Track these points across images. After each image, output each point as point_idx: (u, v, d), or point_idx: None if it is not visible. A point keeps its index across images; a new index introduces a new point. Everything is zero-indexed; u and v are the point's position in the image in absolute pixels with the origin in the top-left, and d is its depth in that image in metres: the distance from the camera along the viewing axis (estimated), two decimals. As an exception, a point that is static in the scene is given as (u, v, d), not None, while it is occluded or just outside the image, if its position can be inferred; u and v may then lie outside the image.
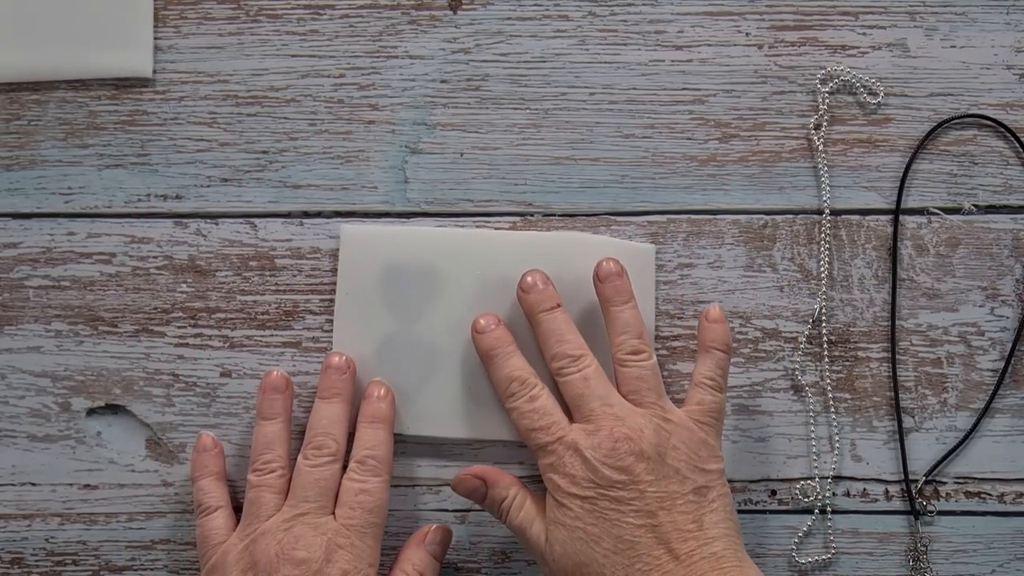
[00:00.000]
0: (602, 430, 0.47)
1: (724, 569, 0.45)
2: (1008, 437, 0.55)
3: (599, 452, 0.46)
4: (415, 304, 0.54)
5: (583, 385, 0.49)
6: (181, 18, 0.57)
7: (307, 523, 0.48)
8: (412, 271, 0.54)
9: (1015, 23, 0.57)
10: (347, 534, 0.48)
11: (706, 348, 0.51)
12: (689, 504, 0.46)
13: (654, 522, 0.45)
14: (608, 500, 0.46)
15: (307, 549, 0.47)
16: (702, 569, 0.45)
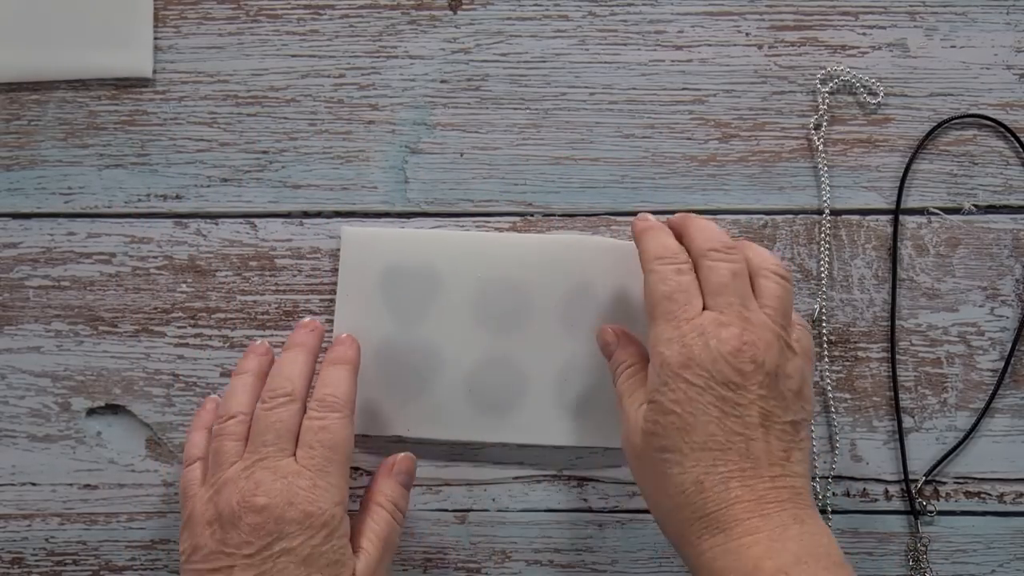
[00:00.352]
0: (733, 326, 0.45)
1: (801, 506, 0.43)
2: (1008, 437, 0.55)
3: (724, 346, 0.44)
4: (415, 306, 0.54)
5: (729, 277, 0.46)
6: (181, 18, 0.57)
7: (266, 467, 0.46)
8: (412, 273, 0.54)
9: (1015, 23, 0.57)
10: (308, 475, 0.46)
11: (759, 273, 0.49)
12: (785, 433, 0.44)
13: (751, 435, 0.44)
14: (714, 396, 0.44)
15: (267, 495, 0.45)
16: (782, 496, 0.43)
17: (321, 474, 0.46)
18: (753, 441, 0.44)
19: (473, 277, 0.54)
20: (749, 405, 0.44)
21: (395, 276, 0.54)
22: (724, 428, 0.44)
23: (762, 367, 0.44)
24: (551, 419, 0.54)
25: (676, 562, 0.55)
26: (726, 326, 0.45)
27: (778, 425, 0.44)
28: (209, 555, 0.45)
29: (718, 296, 0.46)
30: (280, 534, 0.44)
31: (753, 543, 0.42)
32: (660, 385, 0.45)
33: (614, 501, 0.55)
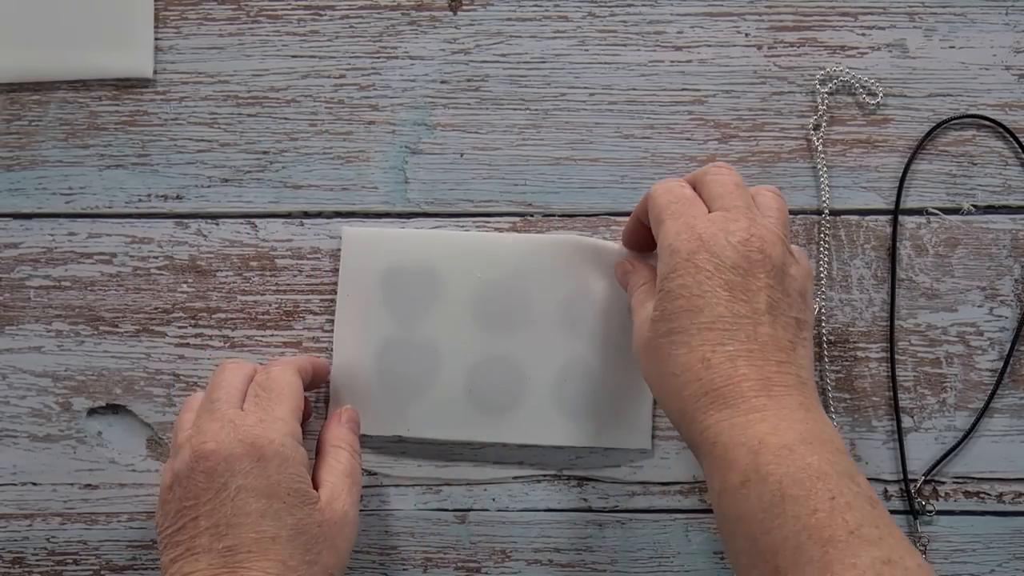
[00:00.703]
0: (740, 220, 0.45)
1: (807, 396, 0.43)
2: (1007, 437, 0.55)
3: (733, 236, 0.44)
4: (415, 306, 0.54)
5: (732, 186, 0.47)
6: (182, 19, 0.57)
7: (213, 419, 0.46)
8: (412, 273, 0.54)
9: (1014, 24, 0.57)
10: (254, 413, 0.47)
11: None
12: (790, 326, 0.44)
13: (758, 319, 0.43)
14: (722, 279, 0.44)
15: (215, 439, 0.45)
16: (788, 382, 0.43)
17: (266, 412, 0.47)
18: (760, 325, 0.43)
19: (473, 277, 0.54)
20: (757, 291, 0.44)
21: (395, 276, 0.54)
22: (732, 310, 0.43)
23: (769, 258, 0.44)
24: (551, 419, 0.54)
25: (676, 562, 0.55)
26: (734, 220, 0.45)
27: (783, 317, 0.44)
28: (175, 516, 0.45)
29: (723, 199, 0.46)
30: (232, 471, 0.45)
31: (759, 420, 0.41)
32: (669, 272, 0.45)
33: (614, 501, 0.55)
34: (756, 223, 0.45)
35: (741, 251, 0.44)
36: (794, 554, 0.38)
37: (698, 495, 0.55)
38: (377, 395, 0.54)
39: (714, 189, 0.47)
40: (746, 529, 0.40)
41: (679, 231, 0.45)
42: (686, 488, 0.55)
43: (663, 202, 0.47)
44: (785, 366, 0.43)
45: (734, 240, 0.44)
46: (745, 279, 0.44)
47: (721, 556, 0.55)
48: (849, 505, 0.39)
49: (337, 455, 0.50)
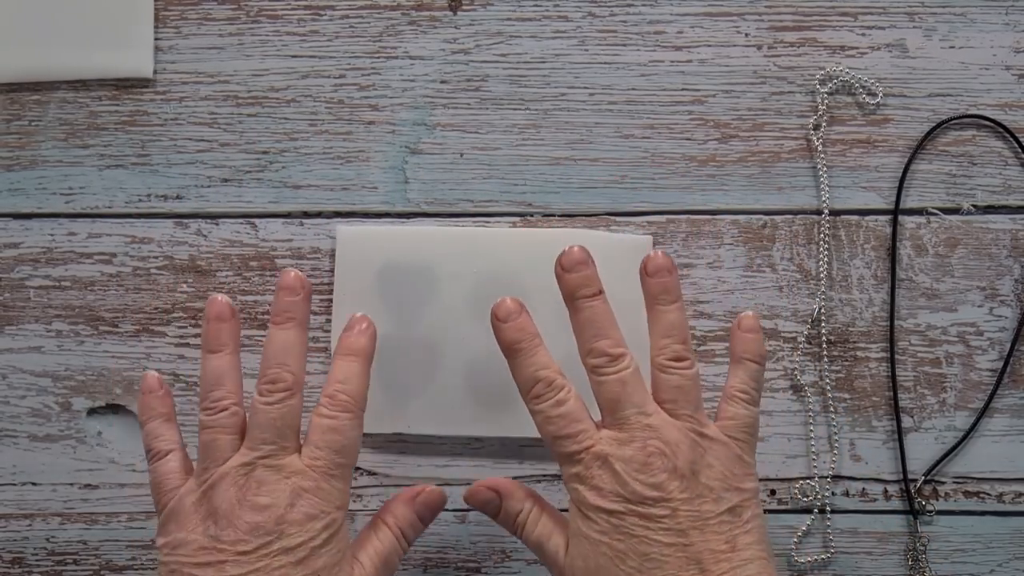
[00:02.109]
0: (635, 441, 0.44)
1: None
2: (1007, 437, 0.55)
3: (631, 465, 0.43)
4: (412, 303, 0.54)
5: (619, 389, 0.45)
6: (182, 19, 0.57)
7: (268, 466, 0.44)
8: (409, 270, 0.55)
9: (1014, 23, 0.57)
10: (313, 476, 0.44)
11: (738, 359, 0.48)
12: (723, 524, 0.43)
13: (685, 541, 0.43)
14: (637, 516, 0.43)
15: (270, 494, 0.44)
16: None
17: (326, 477, 0.45)
18: (689, 547, 0.43)
19: (470, 272, 0.54)
20: (674, 513, 0.43)
21: (392, 274, 0.55)
22: (656, 544, 0.43)
23: (676, 471, 0.43)
24: None
25: (676, 562, 0.55)
26: (627, 443, 0.44)
27: (713, 520, 0.43)
28: (198, 550, 0.44)
29: (613, 412, 0.45)
30: (280, 534, 0.43)
31: None
32: (581, 521, 0.44)
33: (614, 501, 0.55)
34: (651, 433, 0.44)
35: (646, 480, 0.43)
36: None
37: (698, 495, 0.55)
38: (376, 393, 0.54)
39: (600, 392, 0.46)
40: None
41: (577, 473, 0.44)
42: (686, 488, 0.55)
43: (548, 435, 0.45)
44: (727, 573, 0.42)
45: (632, 468, 0.43)
46: (659, 506, 0.43)
47: (721, 556, 0.55)
48: None
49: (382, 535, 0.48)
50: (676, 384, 0.46)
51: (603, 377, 0.46)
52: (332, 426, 0.45)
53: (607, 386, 0.45)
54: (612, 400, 0.45)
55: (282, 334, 0.46)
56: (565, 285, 0.47)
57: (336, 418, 0.45)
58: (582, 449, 0.44)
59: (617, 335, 0.46)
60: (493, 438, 0.55)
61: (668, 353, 0.46)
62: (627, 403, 0.45)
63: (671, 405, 0.45)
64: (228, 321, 0.47)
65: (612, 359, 0.46)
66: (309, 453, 0.45)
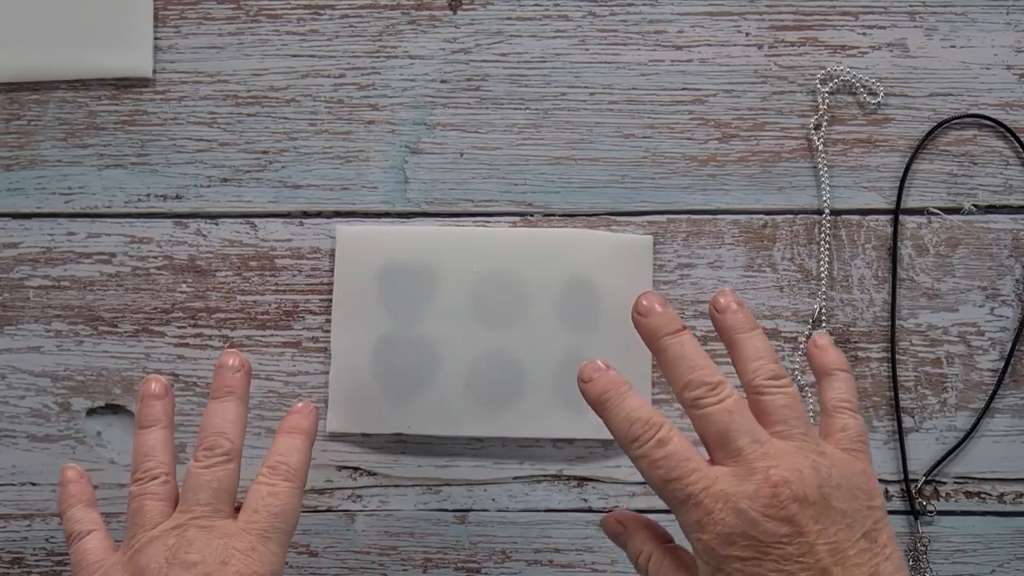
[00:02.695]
0: (756, 473, 0.39)
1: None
2: (1008, 437, 0.55)
3: (757, 502, 0.39)
4: (412, 302, 0.54)
5: (727, 418, 0.41)
6: (181, 18, 0.57)
7: (200, 526, 0.43)
8: (408, 269, 0.54)
9: (1015, 23, 0.57)
10: (248, 538, 0.43)
11: (828, 372, 0.45)
12: (862, 553, 0.39)
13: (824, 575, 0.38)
14: (772, 560, 0.39)
15: (201, 551, 0.42)
16: None
17: (262, 539, 0.43)
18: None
19: (469, 272, 0.54)
20: (812, 549, 0.39)
21: (391, 273, 0.54)
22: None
23: (807, 500, 0.39)
24: (551, 412, 0.54)
25: (676, 562, 0.55)
26: (747, 477, 0.40)
27: (852, 549, 0.39)
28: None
29: (723, 446, 0.41)
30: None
31: None
32: (715, 572, 0.40)
33: (614, 501, 0.55)
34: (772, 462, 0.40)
35: (775, 515, 0.39)
36: None
37: (698, 495, 0.55)
38: (377, 394, 0.54)
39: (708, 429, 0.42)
40: None
41: (699, 521, 0.40)
42: (686, 488, 0.55)
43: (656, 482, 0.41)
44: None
45: (759, 507, 0.39)
46: (795, 543, 0.39)
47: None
48: None
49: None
50: (782, 404, 0.42)
51: (706, 409, 0.42)
52: (272, 491, 0.45)
53: (713, 418, 0.41)
54: (721, 432, 0.41)
55: (220, 406, 0.46)
56: (646, 329, 0.44)
57: (276, 484, 0.45)
58: (699, 491, 0.40)
59: (711, 365, 0.43)
60: (493, 438, 0.55)
61: (764, 373, 0.43)
62: (738, 432, 0.41)
63: (782, 427, 0.42)
64: (162, 399, 0.47)
65: (711, 387, 0.42)
66: (245, 516, 0.44)
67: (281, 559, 0.44)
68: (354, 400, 0.54)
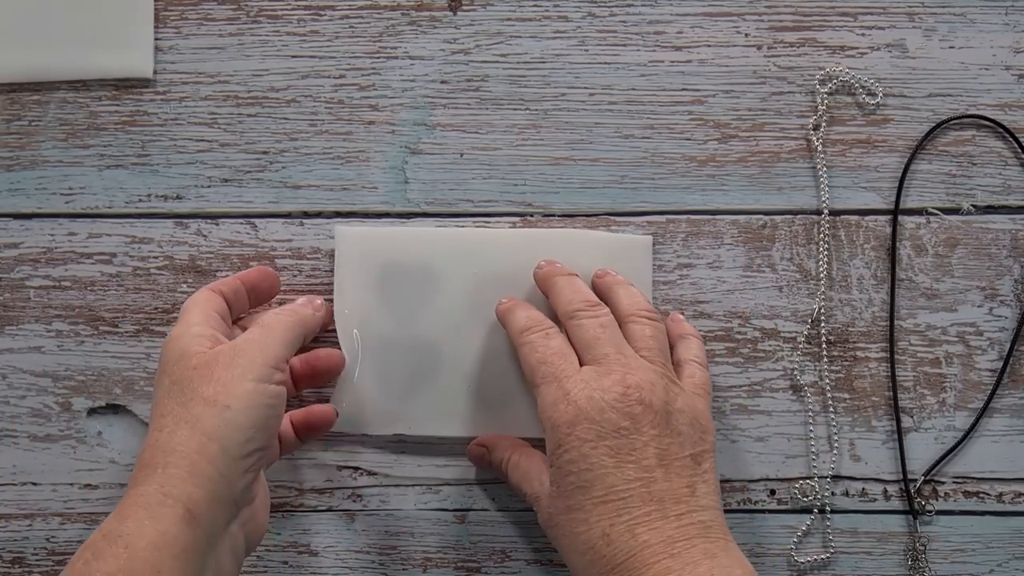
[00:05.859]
0: (614, 373, 0.46)
1: (712, 539, 0.44)
2: (1007, 437, 0.55)
3: (608, 394, 0.45)
4: (412, 303, 0.54)
5: (599, 331, 0.48)
6: (182, 19, 0.57)
7: None
8: (408, 270, 0.54)
9: (1014, 24, 0.57)
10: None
11: (683, 335, 0.51)
12: (685, 468, 0.45)
13: (649, 477, 0.44)
14: (607, 447, 0.44)
15: None
16: (690, 533, 0.43)
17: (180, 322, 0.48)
18: (653, 483, 0.44)
19: (470, 272, 0.54)
20: (644, 447, 0.44)
21: (391, 274, 0.54)
22: (622, 477, 0.44)
23: (651, 407, 0.45)
24: None
25: (675, 562, 0.55)
26: (607, 375, 0.46)
27: (677, 462, 0.45)
28: None
29: (592, 350, 0.47)
30: (160, 371, 0.46)
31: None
32: (555, 448, 0.45)
33: (614, 501, 0.55)
34: (631, 370, 0.46)
35: (620, 409, 0.45)
36: None
37: (698, 495, 0.55)
38: (377, 395, 0.54)
39: (581, 336, 0.48)
40: None
41: (555, 400, 0.46)
42: (686, 488, 0.55)
43: (533, 362, 0.48)
44: (686, 517, 0.44)
45: (610, 398, 0.45)
46: (630, 438, 0.44)
47: (721, 556, 0.55)
48: None
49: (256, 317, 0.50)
50: (650, 334, 0.48)
51: (582, 320, 0.48)
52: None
53: (586, 327, 0.48)
54: (592, 339, 0.47)
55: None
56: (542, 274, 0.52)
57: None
58: (564, 376, 0.46)
59: (594, 296, 0.50)
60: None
61: (636, 308, 0.49)
62: (607, 342, 0.47)
63: (647, 353, 0.48)
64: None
65: (591, 305, 0.49)
66: None
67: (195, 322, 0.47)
68: (355, 402, 0.54)
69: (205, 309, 0.48)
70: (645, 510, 0.44)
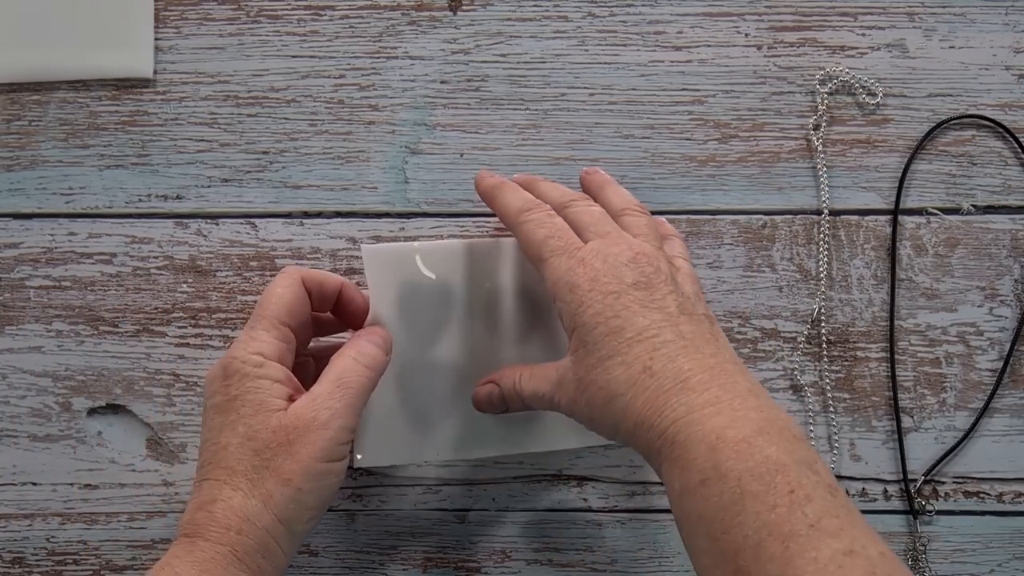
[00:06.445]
0: (620, 244, 0.45)
1: (751, 381, 0.43)
2: (1007, 437, 0.55)
3: (621, 257, 0.45)
4: (437, 325, 0.51)
5: (598, 214, 0.47)
6: (182, 19, 0.57)
7: None
8: (426, 291, 0.50)
9: (1013, 24, 0.57)
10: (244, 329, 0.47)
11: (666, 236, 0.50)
12: (703, 322, 0.44)
13: (676, 321, 0.43)
14: (630, 297, 0.44)
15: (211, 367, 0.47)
16: (728, 370, 0.42)
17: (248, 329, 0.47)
18: (681, 325, 0.43)
19: (483, 288, 0.51)
20: (663, 299, 0.44)
21: (410, 296, 0.50)
22: (651, 319, 0.43)
23: (660, 270, 0.45)
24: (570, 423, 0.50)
25: (676, 562, 0.55)
26: (614, 244, 0.45)
27: (695, 316, 0.44)
28: None
29: (594, 227, 0.47)
30: (208, 393, 0.46)
31: (714, 413, 0.41)
32: (576, 308, 0.44)
33: (614, 501, 0.55)
34: (635, 242, 0.46)
35: (635, 268, 0.44)
36: (755, 552, 0.38)
37: (698, 495, 0.55)
38: (400, 425, 0.51)
39: (581, 219, 0.47)
40: (707, 529, 0.39)
41: (570, 267, 0.45)
42: (686, 488, 0.55)
43: (539, 238, 0.47)
44: (719, 355, 0.43)
45: (623, 260, 0.45)
46: (649, 291, 0.44)
47: (721, 556, 0.55)
48: (808, 497, 0.38)
49: (334, 364, 0.46)
50: (644, 223, 0.48)
51: (579, 207, 0.48)
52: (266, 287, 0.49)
53: (585, 212, 0.48)
54: (592, 221, 0.47)
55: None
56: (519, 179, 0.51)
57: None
58: (574, 247, 0.46)
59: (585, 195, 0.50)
60: (517, 455, 0.54)
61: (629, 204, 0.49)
62: (607, 223, 0.47)
63: (643, 238, 0.47)
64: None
65: (585, 199, 0.49)
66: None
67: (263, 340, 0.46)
68: (381, 433, 0.50)
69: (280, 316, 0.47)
70: (681, 344, 0.43)
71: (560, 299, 0.45)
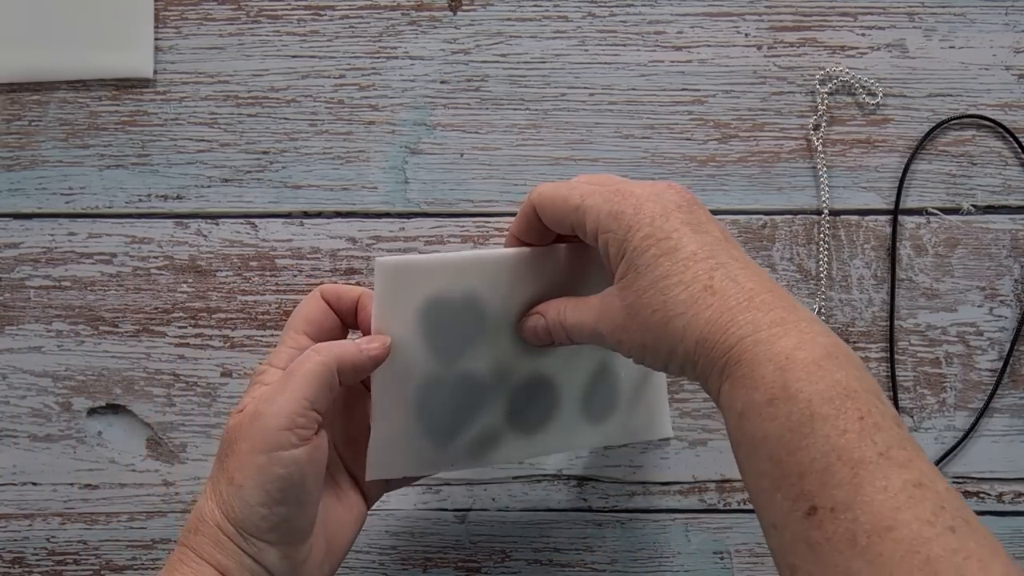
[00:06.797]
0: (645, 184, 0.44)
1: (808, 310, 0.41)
2: (1007, 437, 0.55)
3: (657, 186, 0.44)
4: (457, 338, 0.48)
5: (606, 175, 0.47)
6: (182, 19, 0.57)
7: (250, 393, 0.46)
8: (453, 303, 0.47)
9: (1013, 24, 0.57)
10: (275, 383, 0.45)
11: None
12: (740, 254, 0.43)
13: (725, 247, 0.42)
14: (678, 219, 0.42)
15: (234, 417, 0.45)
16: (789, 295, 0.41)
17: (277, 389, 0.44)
18: (731, 249, 0.42)
19: (512, 298, 0.48)
20: (708, 223, 0.43)
21: (435, 308, 0.47)
22: (703, 240, 0.42)
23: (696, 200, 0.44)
24: (580, 426, 0.51)
25: (676, 562, 0.55)
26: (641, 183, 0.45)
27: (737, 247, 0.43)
28: None
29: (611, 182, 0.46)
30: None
31: (782, 334, 0.39)
32: (625, 234, 0.43)
33: (614, 501, 0.55)
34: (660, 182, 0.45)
35: (675, 194, 0.43)
36: (822, 476, 0.36)
37: (698, 495, 0.55)
38: (417, 439, 0.48)
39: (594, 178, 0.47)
40: (771, 450, 0.38)
41: (608, 198, 0.44)
42: (686, 488, 0.55)
43: (575, 197, 0.45)
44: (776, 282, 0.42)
45: (661, 188, 0.43)
46: (693, 215, 0.43)
47: (721, 556, 0.55)
48: (877, 425, 0.37)
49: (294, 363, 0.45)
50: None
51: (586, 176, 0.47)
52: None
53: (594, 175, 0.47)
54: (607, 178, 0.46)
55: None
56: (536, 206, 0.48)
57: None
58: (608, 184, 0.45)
59: None
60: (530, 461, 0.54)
61: None
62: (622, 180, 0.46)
63: None
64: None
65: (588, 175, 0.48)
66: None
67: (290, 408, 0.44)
68: (396, 446, 0.48)
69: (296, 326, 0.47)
70: (738, 265, 0.41)
71: (604, 230, 0.43)
